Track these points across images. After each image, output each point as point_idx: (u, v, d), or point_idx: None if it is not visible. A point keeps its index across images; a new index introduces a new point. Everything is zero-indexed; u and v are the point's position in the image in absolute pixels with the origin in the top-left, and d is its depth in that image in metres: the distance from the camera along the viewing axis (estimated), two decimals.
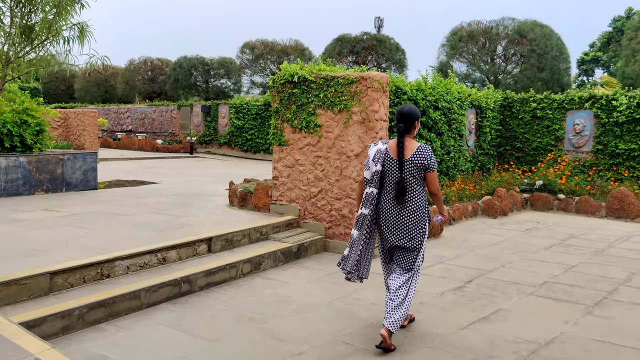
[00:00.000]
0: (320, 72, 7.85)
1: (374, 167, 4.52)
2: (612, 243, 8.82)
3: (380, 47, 23.45)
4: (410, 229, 4.49)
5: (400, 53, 23.99)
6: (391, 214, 4.51)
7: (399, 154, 4.41)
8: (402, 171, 4.43)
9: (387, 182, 4.50)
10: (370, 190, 4.56)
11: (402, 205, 4.46)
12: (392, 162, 4.46)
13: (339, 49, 23.50)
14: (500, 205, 11.09)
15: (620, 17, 45.28)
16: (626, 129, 12.05)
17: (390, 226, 4.55)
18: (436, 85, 11.24)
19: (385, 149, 4.52)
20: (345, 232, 7.68)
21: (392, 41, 23.99)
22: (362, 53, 23.51)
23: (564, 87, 19.97)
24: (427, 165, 4.42)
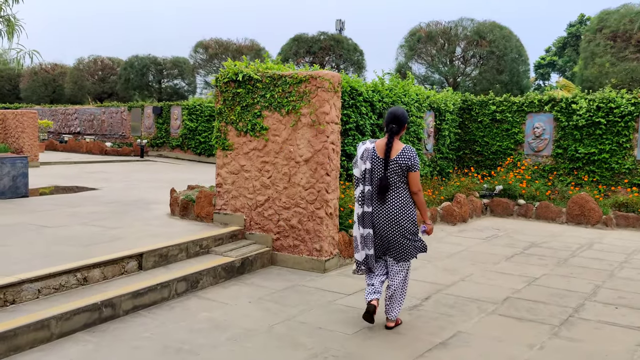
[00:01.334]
0: (267, 71, 7.24)
1: (363, 165, 4.74)
2: (574, 252, 8.46)
3: (338, 47, 22.92)
4: (400, 220, 4.74)
5: (358, 54, 23.50)
6: (380, 208, 4.77)
7: (386, 154, 4.66)
8: (387, 170, 4.68)
9: (374, 178, 4.74)
10: (364, 188, 4.78)
11: (384, 202, 4.74)
12: (379, 160, 4.70)
13: (296, 49, 22.87)
14: (459, 211, 10.66)
15: (575, 24, 46.05)
16: (586, 133, 11.80)
17: (381, 219, 4.79)
18: (394, 86, 10.78)
19: (373, 148, 4.75)
20: (294, 244, 7.08)
21: (350, 42, 23.49)
22: (319, 53, 22.93)
23: (523, 90, 19.84)
24: (410, 165, 4.67)
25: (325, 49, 22.94)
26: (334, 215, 7.03)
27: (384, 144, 4.72)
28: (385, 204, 4.75)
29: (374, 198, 4.79)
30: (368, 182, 4.76)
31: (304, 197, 6.99)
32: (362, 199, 4.80)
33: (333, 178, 6.95)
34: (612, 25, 16.05)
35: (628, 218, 10.55)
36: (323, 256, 6.89)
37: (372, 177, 4.76)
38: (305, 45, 22.91)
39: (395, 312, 4.92)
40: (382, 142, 4.76)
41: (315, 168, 6.88)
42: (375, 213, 4.80)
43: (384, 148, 4.71)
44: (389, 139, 4.69)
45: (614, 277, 7.03)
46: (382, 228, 4.79)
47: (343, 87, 9.20)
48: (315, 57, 22.81)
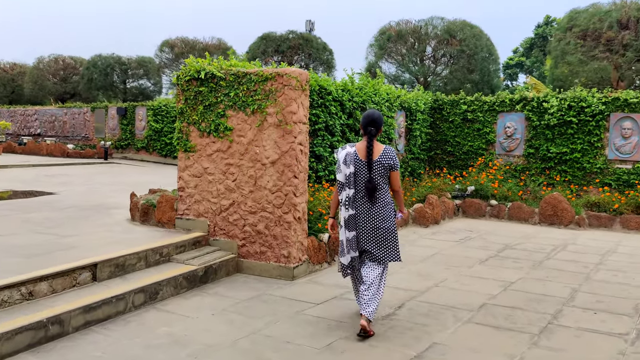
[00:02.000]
0: (231, 68, 6.87)
1: (347, 170, 4.82)
2: (549, 253, 8.29)
3: (307, 46, 22.53)
4: (379, 222, 4.83)
5: (327, 53, 23.16)
6: (363, 211, 4.84)
7: (368, 156, 4.76)
8: (371, 171, 4.78)
9: (357, 182, 4.82)
10: (349, 192, 4.84)
11: (373, 203, 4.81)
12: (362, 163, 4.80)
13: (264, 48, 22.42)
14: (432, 213, 10.44)
15: (542, 25, 46.58)
16: (557, 132, 11.71)
17: (362, 223, 4.85)
18: (364, 85, 10.50)
19: (354, 151, 4.84)
20: (260, 250, 6.72)
21: (320, 41, 23.13)
22: (288, 52, 22.53)
23: (494, 89, 19.78)
24: (392, 165, 4.82)
25: (294, 48, 22.53)
26: (302, 219, 6.70)
27: (365, 147, 4.81)
28: (370, 205, 4.84)
29: (357, 201, 4.86)
30: (352, 186, 4.83)
31: (270, 201, 6.64)
32: (348, 202, 4.85)
33: (301, 180, 6.63)
34: (581, 24, 16.08)
35: (600, 218, 10.47)
36: (291, 263, 6.56)
37: (356, 180, 4.83)
38: (273, 44, 22.46)
39: (372, 308, 4.76)
40: (363, 145, 4.84)
41: (282, 170, 6.54)
42: (359, 215, 4.86)
43: (365, 151, 4.81)
44: (369, 142, 4.80)
45: (591, 280, 6.85)
46: (366, 228, 4.85)
47: (311, 86, 8.88)
48: (283, 56, 22.40)
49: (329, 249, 7.30)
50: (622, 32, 15.62)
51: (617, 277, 6.99)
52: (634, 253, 8.47)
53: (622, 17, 15.50)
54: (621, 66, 16.10)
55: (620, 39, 15.55)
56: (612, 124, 11.16)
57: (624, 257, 8.19)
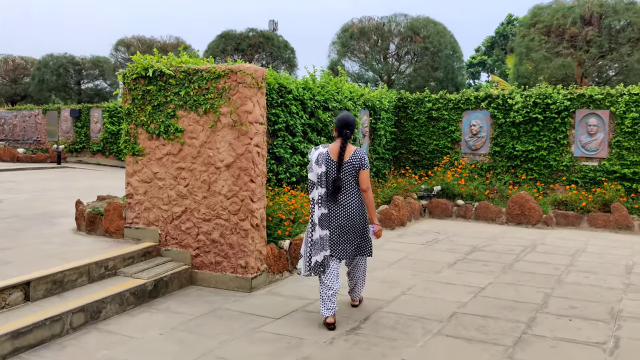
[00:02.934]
0: (181, 65, 6.39)
1: (319, 169, 4.97)
2: (518, 255, 8.03)
3: (268, 44, 21.97)
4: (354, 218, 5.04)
5: (289, 52, 22.64)
6: (336, 209, 5.02)
7: (340, 157, 4.94)
8: (340, 172, 4.96)
9: (328, 182, 4.99)
10: (320, 191, 4.99)
11: (339, 203, 5.00)
12: (333, 163, 4.98)
13: (223, 46, 21.76)
14: (398, 215, 10.11)
15: (503, 23, 47.02)
16: (523, 130, 11.52)
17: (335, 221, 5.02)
18: (325, 83, 10.10)
19: (327, 152, 5.01)
20: (216, 260, 6.26)
21: (281, 39, 22.58)
22: (248, 51, 21.93)
23: (458, 87, 19.60)
24: (361, 164, 5.00)
25: (254, 46, 21.91)
26: (260, 226, 6.26)
27: (338, 148, 4.99)
28: (340, 204, 5.01)
29: (329, 199, 5.01)
30: (323, 185, 4.98)
31: (226, 208, 6.18)
32: (320, 201, 4.99)
33: (259, 185, 6.18)
34: (545, 20, 15.98)
35: (568, 216, 10.30)
36: (249, 273, 6.11)
37: (327, 179, 4.99)
38: (233, 42, 21.81)
39: (359, 293, 5.55)
40: (336, 146, 5.02)
41: (238, 174, 6.09)
42: (332, 214, 5.01)
43: (337, 152, 4.98)
44: (343, 143, 4.98)
45: (562, 282, 6.59)
46: (344, 226, 5.03)
47: (270, 84, 8.45)
48: (244, 54, 21.81)
49: (290, 256, 6.87)
50: (585, 28, 15.60)
51: (588, 279, 6.75)
52: (603, 252, 8.28)
53: (585, 13, 15.47)
54: (585, 62, 16.08)
55: (583, 35, 15.52)
56: (578, 120, 11.02)
57: (594, 257, 7.99)
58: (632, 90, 10.61)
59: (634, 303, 5.83)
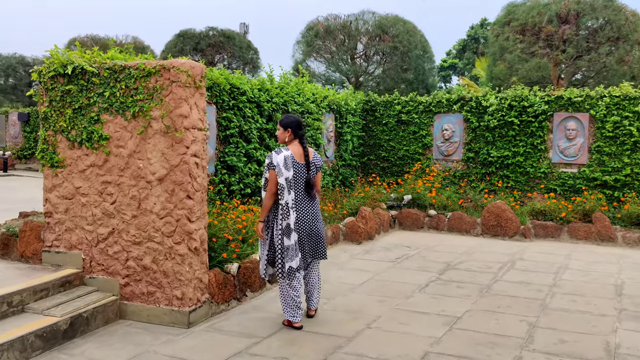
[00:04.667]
0: (106, 61, 5.44)
1: (288, 173, 4.89)
2: (496, 274, 7.25)
3: (228, 44, 20.89)
4: (318, 224, 5.17)
5: (252, 52, 21.62)
6: (304, 213, 5.03)
7: (306, 158, 5.00)
8: (309, 172, 5.02)
9: (297, 185, 4.97)
10: (290, 196, 4.93)
11: (311, 202, 5.10)
12: (300, 166, 4.99)
13: (181, 46, 20.64)
14: (365, 227, 9.27)
15: (475, 25, 46.76)
16: (498, 134, 10.80)
17: (304, 225, 5.02)
18: (285, 84, 9.24)
19: (291, 154, 4.95)
20: (148, 290, 5.32)
21: (244, 38, 21.56)
22: (208, 51, 20.83)
23: (429, 89, 18.82)
24: (320, 166, 5.19)
25: (214, 46, 20.77)
26: (200, 250, 5.34)
27: (301, 150, 5.03)
28: (309, 206, 5.07)
29: (298, 203, 4.98)
30: (292, 189, 4.94)
31: (158, 229, 5.25)
32: (293, 206, 4.95)
33: (198, 201, 5.27)
34: (520, 18, 15.25)
35: (546, 227, 9.59)
36: (186, 306, 5.19)
37: (295, 183, 4.96)
38: (191, 42, 20.69)
39: (316, 301, 5.40)
40: (298, 149, 5.03)
41: (172, 189, 5.17)
42: (301, 218, 5.01)
43: (301, 153, 5.02)
44: (304, 145, 5.05)
45: (548, 309, 5.81)
46: (311, 229, 5.07)
47: (221, 85, 7.57)
48: (203, 55, 20.70)
49: (238, 282, 5.97)
50: (562, 26, 14.92)
51: (576, 304, 5.98)
52: (588, 269, 7.56)
53: (562, 11, 14.78)
54: (562, 63, 15.41)
55: (560, 34, 14.83)
56: (556, 124, 10.34)
57: (578, 275, 7.25)
58: (613, 92, 9.96)
59: (631, 335, 5.07)
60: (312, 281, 5.32)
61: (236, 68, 21.34)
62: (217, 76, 7.52)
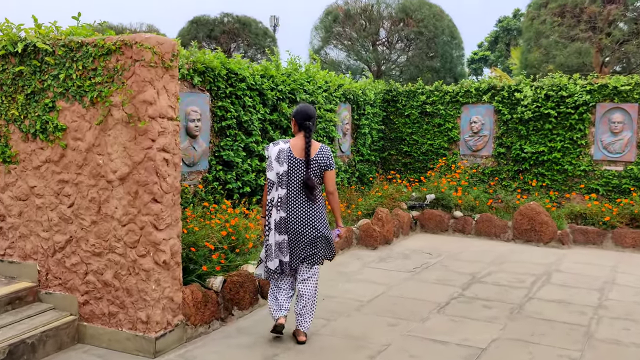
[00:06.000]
0: (61, 38, 4.59)
1: (280, 168, 4.49)
2: (529, 289, 6.22)
3: (244, 31, 19.98)
4: (315, 229, 4.54)
5: (269, 39, 20.67)
6: (295, 214, 4.51)
7: (307, 154, 4.47)
8: (308, 170, 4.48)
9: (290, 182, 4.50)
10: (280, 192, 4.50)
11: (311, 203, 4.53)
12: (297, 161, 4.50)
13: (194, 33, 19.77)
14: (381, 231, 8.30)
15: (506, 17, 45.18)
16: (532, 127, 9.69)
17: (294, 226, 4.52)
18: (292, 71, 8.31)
19: (288, 148, 4.53)
20: (110, 310, 4.47)
21: (260, 25, 20.61)
22: (222, 38, 19.91)
23: (457, 78, 17.53)
24: (328, 164, 4.55)
25: (229, 33, 19.82)
26: (171, 263, 4.45)
27: (303, 144, 4.52)
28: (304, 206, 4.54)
29: (290, 202, 4.53)
30: (284, 185, 4.50)
31: (120, 238, 4.39)
32: (279, 203, 4.51)
33: (168, 205, 4.38)
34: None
35: (587, 233, 8.48)
36: (152, 331, 4.32)
37: (288, 179, 4.51)
38: (205, 29, 19.80)
39: (308, 323, 4.64)
40: (300, 142, 4.55)
41: (135, 191, 4.30)
42: (290, 218, 4.53)
43: (302, 147, 4.52)
44: (308, 138, 4.51)
45: (593, 339, 4.79)
46: (297, 232, 4.54)
47: (216, 70, 6.70)
48: (218, 42, 19.82)
49: (223, 299, 5.08)
50: (607, 6, 13.45)
51: (629, 333, 4.94)
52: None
53: None
54: (606, 48, 14.01)
55: (605, 15, 13.41)
56: (599, 116, 9.19)
57: (629, 293, 6.18)
58: None
59: None
60: (305, 296, 4.57)
61: (252, 56, 20.47)
62: (210, 59, 6.64)
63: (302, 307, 4.57)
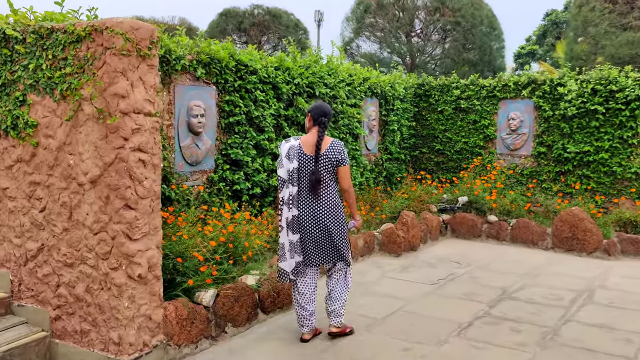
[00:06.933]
0: (30, 24, 4.13)
1: (290, 165, 4.41)
2: (568, 309, 5.49)
3: (275, 23, 19.38)
4: (329, 225, 4.39)
5: (301, 32, 20.02)
6: (307, 211, 4.41)
7: (317, 149, 4.36)
8: (317, 164, 4.37)
9: (301, 179, 4.40)
10: (291, 190, 4.40)
11: (317, 200, 4.39)
12: (307, 157, 4.40)
13: (224, 26, 19.30)
14: (405, 236, 7.66)
15: (554, 10, 43.51)
16: (577, 125, 8.84)
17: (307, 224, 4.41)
18: (311, 63, 7.75)
19: (299, 144, 4.45)
20: (82, 328, 4.00)
21: (292, 17, 19.98)
22: (252, 31, 19.38)
23: (496, 72, 16.62)
24: (340, 159, 4.41)
25: (259, 25, 19.26)
26: (148, 278, 3.95)
27: (314, 139, 4.41)
28: (315, 204, 4.39)
29: (301, 199, 4.42)
30: (295, 182, 4.41)
31: (92, 248, 3.91)
32: (291, 201, 4.40)
33: (144, 212, 3.87)
34: None
35: (638, 243, 7.63)
36: (124, 354, 3.83)
37: (299, 176, 4.41)
38: (234, 21, 19.30)
39: (339, 319, 4.57)
40: (310, 138, 4.45)
41: (106, 196, 3.80)
42: (303, 216, 4.42)
43: (313, 143, 4.40)
44: (320, 134, 4.39)
45: None
46: (311, 231, 4.42)
47: (222, 61, 6.19)
48: (247, 35, 19.32)
49: (214, 315, 4.56)
50: None
51: None
52: None
53: None
54: None
55: None
56: None
57: None
58: None
59: None
60: (331, 288, 4.62)
61: (284, 49, 19.92)
62: (216, 50, 6.13)
63: (331, 304, 4.58)
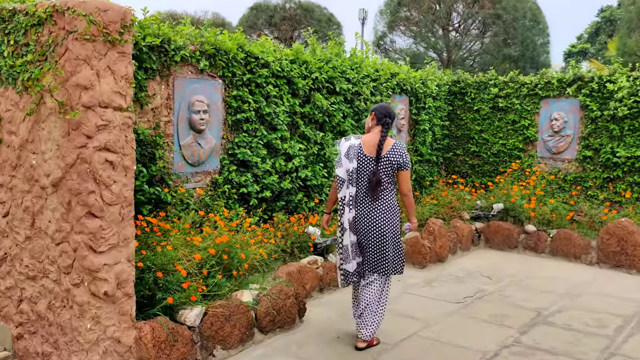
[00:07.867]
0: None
1: (350, 165, 4.33)
2: (613, 340, 4.76)
3: (306, 18, 18.78)
4: (383, 227, 4.30)
5: (335, 26, 19.38)
6: (364, 212, 4.33)
7: (378, 150, 4.26)
8: (377, 165, 4.28)
9: (360, 179, 4.34)
10: (351, 190, 4.33)
11: (375, 202, 4.30)
12: (367, 159, 4.31)
13: (254, 20, 18.86)
14: (432, 246, 7.01)
15: (609, 6, 41.70)
16: (628, 127, 7.98)
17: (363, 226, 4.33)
18: (332, 56, 7.18)
19: (359, 144, 4.35)
20: (44, 350, 3.54)
21: (325, 11, 19.34)
22: (282, 25, 18.85)
23: (540, 69, 15.62)
24: (402, 163, 4.31)
25: (290, 19, 18.71)
26: (117, 295, 3.45)
27: (375, 140, 4.29)
28: (372, 205, 4.29)
29: (359, 201, 4.33)
30: (354, 183, 4.32)
31: (54, 260, 3.44)
32: (351, 202, 4.30)
33: (112, 221, 3.38)
34: None
35: None
36: None
37: (358, 177, 4.33)
38: (265, 15, 18.83)
39: (368, 331, 4.35)
40: (371, 138, 4.32)
41: (68, 201, 3.32)
42: (359, 217, 4.33)
43: (375, 144, 4.28)
44: (383, 135, 4.27)
45: None
46: (367, 233, 4.31)
47: (230, 53, 5.69)
48: (278, 30, 18.82)
49: (200, 336, 4.04)
50: None
51: None
52: None
53: None
54: None
55: None
56: None
57: None
58: None
59: None
60: (365, 299, 4.38)
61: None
62: (222, 40, 5.62)
63: (359, 314, 4.40)
